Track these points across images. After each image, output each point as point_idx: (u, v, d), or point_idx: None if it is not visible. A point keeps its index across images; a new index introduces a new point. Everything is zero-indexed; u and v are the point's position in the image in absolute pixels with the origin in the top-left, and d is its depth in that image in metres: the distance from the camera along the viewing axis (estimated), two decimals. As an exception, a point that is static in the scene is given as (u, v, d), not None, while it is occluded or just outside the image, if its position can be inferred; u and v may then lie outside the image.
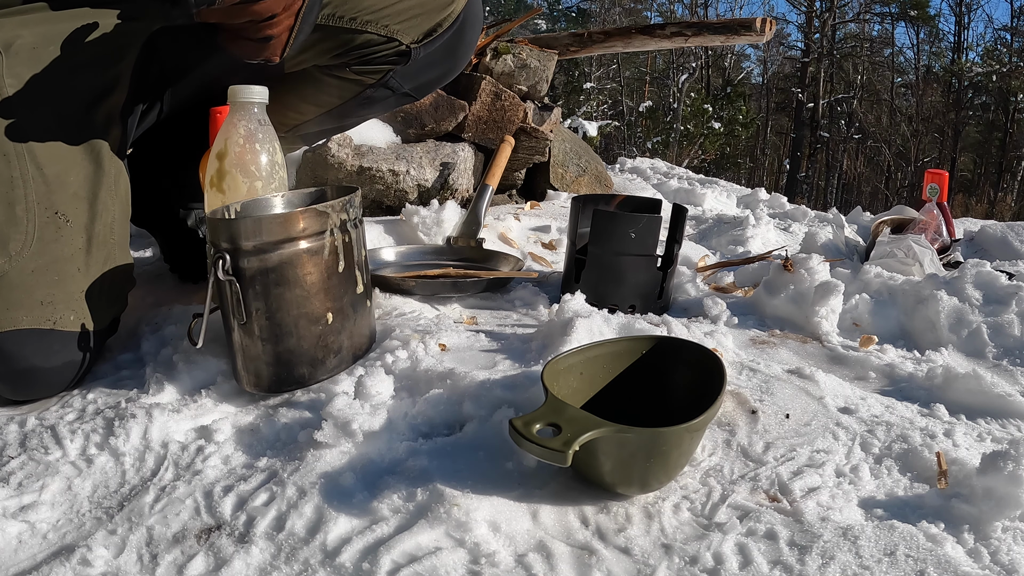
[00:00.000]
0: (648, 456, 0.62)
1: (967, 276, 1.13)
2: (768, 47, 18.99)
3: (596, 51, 2.13)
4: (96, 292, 0.86)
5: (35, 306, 0.81)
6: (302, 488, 0.65)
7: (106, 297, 0.88)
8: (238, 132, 0.89)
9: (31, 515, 0.64)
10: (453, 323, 1.03)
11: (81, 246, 0.85)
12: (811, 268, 1.11)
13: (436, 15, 1.01)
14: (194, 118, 1.07)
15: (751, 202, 2.34)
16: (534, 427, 0.59)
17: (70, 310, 0.84)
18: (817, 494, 0.66)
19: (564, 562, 0.58)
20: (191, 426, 0.77)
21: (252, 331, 0.79)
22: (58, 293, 0.83)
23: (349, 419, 0.71)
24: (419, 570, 0.57)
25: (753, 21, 1.97)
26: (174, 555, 0.60)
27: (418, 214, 1.48)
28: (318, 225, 0.80)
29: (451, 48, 1.06)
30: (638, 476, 0.64)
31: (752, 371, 0.90)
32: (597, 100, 14.78)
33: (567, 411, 0.61)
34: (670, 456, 0.64)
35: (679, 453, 0.65)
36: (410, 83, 1.09)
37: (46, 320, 0.82)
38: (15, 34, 0.82)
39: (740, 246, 1.63)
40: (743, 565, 0.58)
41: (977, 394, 0.85)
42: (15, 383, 0.82)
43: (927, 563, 0.57)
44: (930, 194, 1.71)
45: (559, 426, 0.59)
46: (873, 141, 18.93)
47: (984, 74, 17.80)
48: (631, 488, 0.65)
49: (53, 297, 0.82)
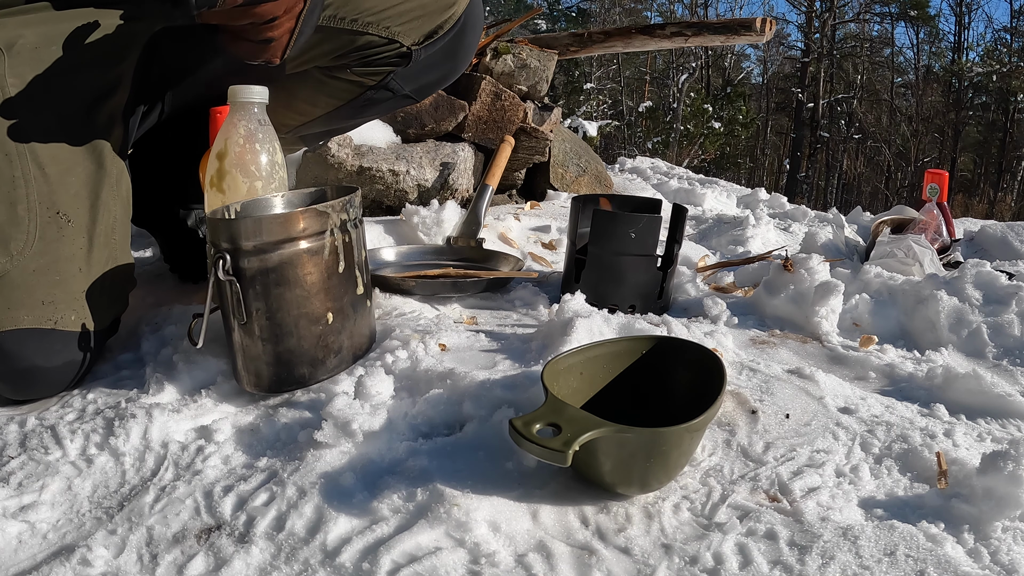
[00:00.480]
0: (648, 456, 0.62)
1: (967, 276, 1.13)
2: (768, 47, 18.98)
3: (596, 51, 2.13)
4: (97, 292, 0.86)
5: (36, 306, 0.81)
6: (302, 488, 0.65)
7: (107, 297, 0.88)
8: (238, 132, 0.89)
9: (31, 515, 0.64)
10: (453, 323, 1.03)
11: (83, 246, 0.85)
12: (811, 268, 1.11)
13: (437, 17, 1.01)
14: (194, 119, 1.08)
15: (751, 202, 2.34)
16: (534, 427, 0.59)
17: (71, 310, 0.84)
18: (817, 494, 0.66)
19: (564, 562, 0.58)
20: (191, 426, 0.77)
21: (252, 331, 0.79)
22: (59, 293, 0.83)
23: (349, 419, 0.71)
24: (419, 570, 0.57)
25: (753, 21, 1.97)
26: (174, 555, 0.60)
27: (418, 214, 1.48)
28: (318, 225, 0.80)
29: (452, 50, 1.06)
30: (638, 476, 0.64)
31: (752, 371, 0.90)
32: (597, 100, 14.78)
33: (567, 411, 0.61)
34: (670, 456, 0.64)
35: (679, 453, 0.65)
36: (411, 85, 1.09)
37: (47, 320, 0.82)
38: (17, 34, 0.82)
39: (740, 246, 1.63)
40: (743, 565, 0.58)
41: (977, 394, 0.85)
42: (16, 382, 0.82)
43: (927, 563, 0.57)
44: (930, 194, 1.71)
45: (559, 426, 0.59)
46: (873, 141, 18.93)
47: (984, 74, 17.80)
48: (631, 488, 0.65)
49: (54, 297, 0.82)
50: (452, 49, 1.06)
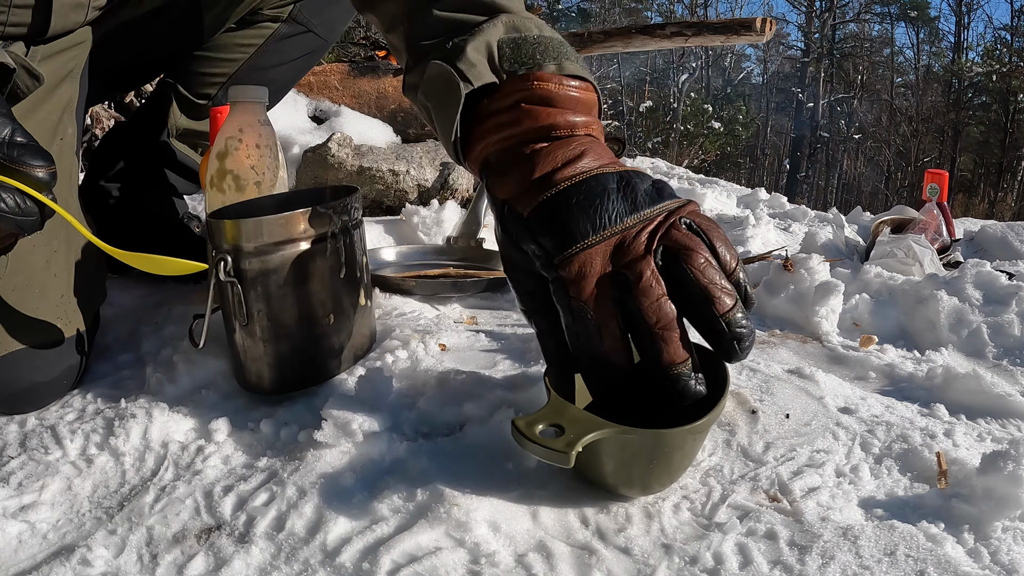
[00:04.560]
0: (651, 458, 0.62)
1: (967, 276, 1.13)
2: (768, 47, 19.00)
3: (596, 51, 2.13)
4: (77, 291, 0.85)
5: (23, 324, 0.79)
6: (302, 488, 0.65)
7: (86, 294, 0.87)
8: (238, 132, 0.90)
9: (31, 515, 0.64)
10: (453, 323, 1.03)
11: (55, 248, 0.83)
12: (811, 268, 1.11)
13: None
14: (157, 103, 1.17)
15: (751, 202, 2.33)
16: (537, 427, 0.58)
17: (57, 318, 0.82)
18: (817, 494, 0.66)
19: (564, 562, 0.58)
20: (191, 426, 0.77)
21: (254, 332, 0.79)
22: (41, 304, 0.81)
23: (349, 419, 0.71)
24: (419, 570, 0.57)
25: (753, 21, 1.97)
26: (174, 555, 0.60)
27: (418, 214, 1.48)
28: (319, 226, 0.80)
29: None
30: (640, 478, 0.64)
31: (752, 371, 0.90)
32: (597, 100, 14.75)
33: (570, 411, 0.61)
34: (673, 458, 0.64)
35: (682, 455, 0.65)
36: (317, 18, 1.18)
37: (37, 335, 0.80)
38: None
39: (740, 246, 1.63)
40: (743, 565, 0.58)
41: (977, 394, 0.85)
42: (17, 404, 0.80)
43: (927, 563, 0.58)
44: (930, 194, 1.71)
45: (562, 427, 0.59)
46: (873, 141, 18.94)
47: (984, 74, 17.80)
48: (632, 490, 0.65)
49: (39, 310, 0.80)
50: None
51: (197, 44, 1.15)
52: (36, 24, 0.83)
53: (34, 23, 0.82)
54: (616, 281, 0.60)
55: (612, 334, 0.61)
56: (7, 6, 0.79)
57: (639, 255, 0.60)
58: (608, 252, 0.61)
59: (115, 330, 1.00)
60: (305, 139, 1.76)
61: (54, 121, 0.87)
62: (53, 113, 0.87)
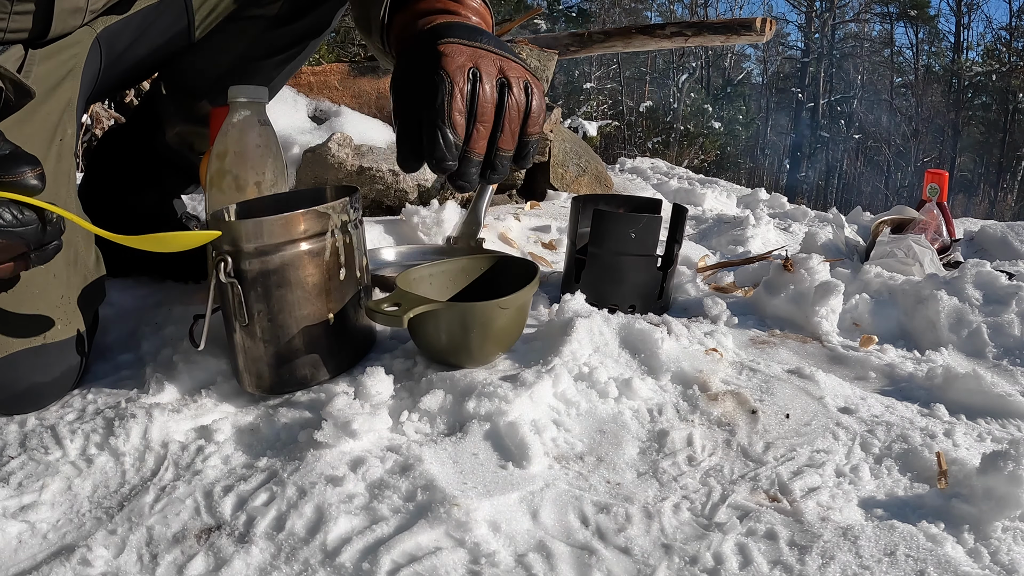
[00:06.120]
0: (467, 328, 0.82)
1: (967, 276, 1.13)
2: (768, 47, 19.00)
3: (596, 51, 2.14)
4: (75, 292, 0.85)
5: (22, 325, 0.79)
6: (302, 488, 0.65)
7: (86, 294, 0.87)
8: (238, 132, 0.90)
9: (31, 515, 0.64)
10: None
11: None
12: (811, 268, 1.11)
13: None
14: (149, 105, 1.16)
15: (751, 202, 2.34)
16: (383, 305, 0.80)
17: (56, 319, 0.82)
18: (817, 494, 0.66)
19: (564, 562, 0.58)
20: (191, 426, 0.77)
21: (254, 332, 0.79)
22: (41, 305, 0.81)
23: (349, 419, 0.71)
24: (419, 570, 0.57)
25: (753, 21, 1.97)
26: (174, 555, 0.60)
27: (418, 214, 1.48)
28: (319, 226, 0.80)
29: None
30: (465, 347, 0.83)
31: (752, 371, 0.90)
32: (597, 100, 14.78)
33: (407, 296, 0.83)
34: (488, 329, 0.83)
35: (497, 328, 0.84)
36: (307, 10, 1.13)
37: (36, 336, 0.80)
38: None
39: (740, 246, 1.63)
40: (743, 565, 0.58)
41: (977, 394, 0.85)
42: (18, 404, 0.80)
43: (927, 563, 0.58)
44: (930, 194, 1.72)
45: (400, 305, 0.80)
46: (873, 141, 18.94)
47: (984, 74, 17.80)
48: (465, 358, 0.84)
49: (37, 310, 0.80)
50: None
51: (188, 41, 1.12)
52: (36, 29, 0.83)
53: (34, 28, 0.83)
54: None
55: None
56: (7, 12, 0.79)
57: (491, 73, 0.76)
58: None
59: (115, 330, 1.00)
60: (305, 139, 1.75)
61: (54, 122, 0.87)
62: (53, 114, 0.87)
